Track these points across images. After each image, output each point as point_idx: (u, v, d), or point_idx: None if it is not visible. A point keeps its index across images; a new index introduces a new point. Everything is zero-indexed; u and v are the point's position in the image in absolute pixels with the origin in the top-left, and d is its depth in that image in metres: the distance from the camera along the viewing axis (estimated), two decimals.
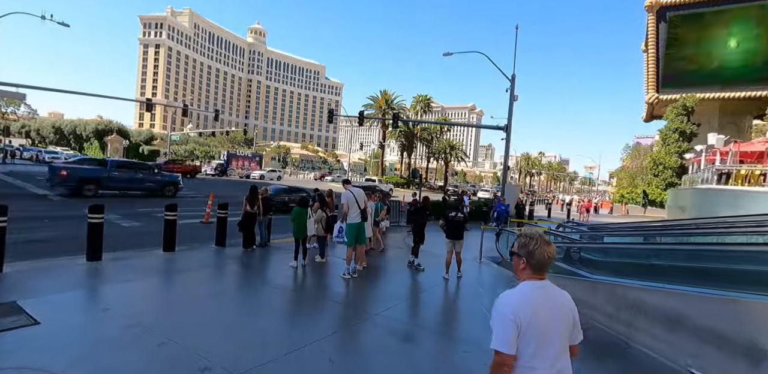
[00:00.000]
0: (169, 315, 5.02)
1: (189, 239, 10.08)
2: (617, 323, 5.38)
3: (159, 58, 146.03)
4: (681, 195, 21.05)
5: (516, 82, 23.81)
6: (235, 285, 6.70)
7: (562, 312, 1.98)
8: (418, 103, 58.50)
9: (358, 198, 7.37)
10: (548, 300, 1.96)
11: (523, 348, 1.86)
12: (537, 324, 1.86)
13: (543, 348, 1.87)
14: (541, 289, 1.97)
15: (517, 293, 1.95)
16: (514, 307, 1.87)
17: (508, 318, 1.85)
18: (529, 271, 1.99)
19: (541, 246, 1.96)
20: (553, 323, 1.91)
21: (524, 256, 1.99)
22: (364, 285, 7.19)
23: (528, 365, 1.86)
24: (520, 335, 1.84)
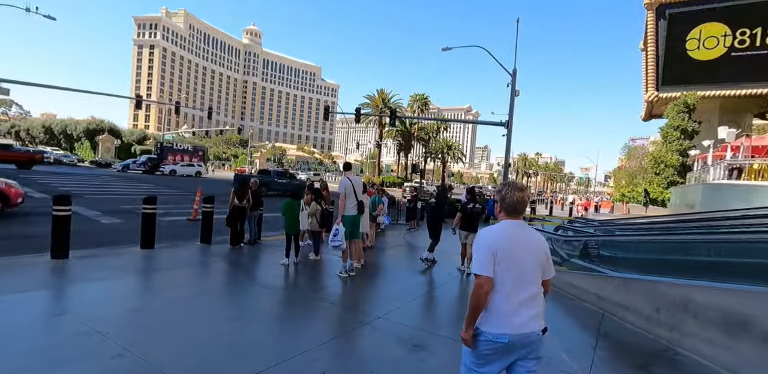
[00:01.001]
0: (134, 320, 4.24)
1: (172, 236, 9.32)
2: (657, 326, 4.64)
3: (153, 58, 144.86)
4: (688, 192, 20.43)
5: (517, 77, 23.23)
6: (218, 285, 5.91)
7: (534, 245, 2.17)
8: (415, 101, 57.77)
9: (356, 187, 6.61)
10: (521, 234, 2.16)
11: (500, 274, 2.04)
12: (511, 252, 2.07)
13: (517, 274, 2.07)
14: (516, 226, 2.17)
15: (495, 227, 2.18)
16: (491, 237, 2.11)
17: (485, 246, 2.07)
18: (503, 213, 2.22)
19: (512, 191, 2.18)
20: (525, 253, 2.11)
21: (499, 201, 2.22)
22: (363, 285, 6.43)
23: (504, 289, 2.06)
24: (497, 262, 2.04)
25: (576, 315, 5.50)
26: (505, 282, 2.05)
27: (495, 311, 2.08)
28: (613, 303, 5.36)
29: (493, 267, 2.04)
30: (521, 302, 2.07)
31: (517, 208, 2.19)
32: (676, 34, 44.98)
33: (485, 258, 2.05)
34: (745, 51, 42.00)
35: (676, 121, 39.40)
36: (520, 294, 2.07)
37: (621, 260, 7.43)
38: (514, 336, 2.04)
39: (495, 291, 2.06)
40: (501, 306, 2.06)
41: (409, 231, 13.39)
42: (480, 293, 2.04)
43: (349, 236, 6.62)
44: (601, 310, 5.49)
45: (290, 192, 7.95)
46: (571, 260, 8.32)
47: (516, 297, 2.06)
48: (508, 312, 2.06)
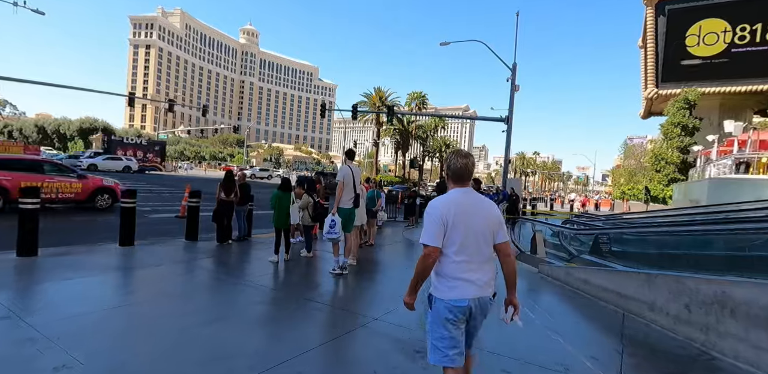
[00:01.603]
0: (94, 324, 3.69)
1: (158, 233, 8.81)
2: (687, 326, 4.12)
3: (150, 58, 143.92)
4: (693, 188, 19.92)
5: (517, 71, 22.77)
6: (197, 285, 5.36)
7: (484, 211, 2.19)
8: (413, 99, 57.17)
9: (356, 177, 6.08)
10: (471, 200, 2.18)
11: (453, 242, 2.09)
12: (462, 219, 2.09)
13: (469, 241, 2.11)
14: (465, 193, 2.20)
15: (446, 196, 2.21)
16: (441, 206, 2.12)
17: (435, 216, 2.10)
18: (452, 182, 2.25)
19: (456, 158, 2.23)
20: (476, 219, 2.14)
21: (446, 169, 2.28)
22: (358, 283, 5.89)
23: (456, 256, 2.10)
24: (448, 229, 2.08)
25: (594, 315, 4.97)
26: (458, 249, 2.09)
27: (451, 278, 2.11)
28: (635, 302, 4.83)
29: (444, 236, 2.07)
30: (475, 267, 2.13)
31: (462, 175, 2.21)
32: (675, 31, 44.67)
33: (436, 228, 2.07)
34: (745, 47, 41.67)
35: (677, 117, 38.96)
36: (474, 260, 2.12)
37: (636, 255, 6.92)
38: (472, 301, 2.11)
39: (448, 257, 2.10)
40: (456, 272, 2.10)
41: (407, 228, 12.87)
42: (427, 263, 2.09)
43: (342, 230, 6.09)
44: (621, 309, 4.97)
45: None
46: (581, 256, 7.80)
47: (469, 262, 2.11)
48: (464, 278, 2.10)
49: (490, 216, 2.20)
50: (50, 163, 11.56)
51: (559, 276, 6.26)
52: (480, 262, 2.15)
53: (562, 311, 5.17)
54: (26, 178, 10.07)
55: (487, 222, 2.17)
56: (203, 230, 8.54)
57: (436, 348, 2.16)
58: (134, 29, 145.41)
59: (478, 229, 2.14)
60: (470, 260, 2.12)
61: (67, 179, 11.02)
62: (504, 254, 2.26)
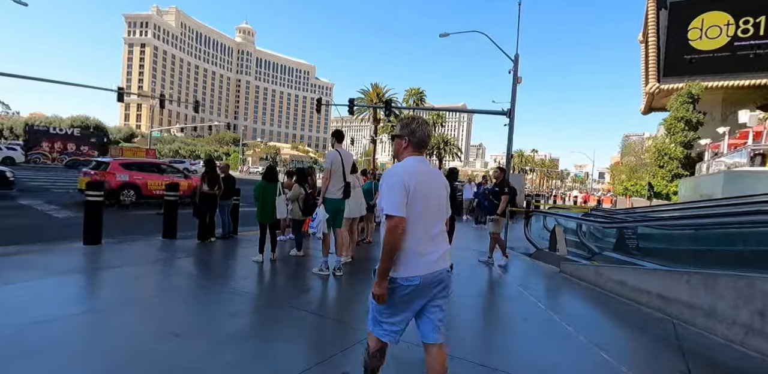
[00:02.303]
0: (31, 338, 2.85)
1: (133, 230, 7.98)
2: (763, 338, 3.31)
3: (145, 57, 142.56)
4: (704, 182, 19.16)
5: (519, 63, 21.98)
6: (164, 290, 4.52)
7: (439, 181, 2.09)
8: (411, 95, 56.27)
9: (345, 164, 5.22)
10: (428, 170, 2.06)
11: (410, 210, 1.90)
12: (422, 189, 1.94)
13: (426, 210, 1.96)
14: (422, 162, 2.06)
15: (404, 164, 2.03)
16: (402, 175, 1.93)
17: (398, 185, 1.90)
18: (410, 149, 2.09)
19: (421, 125, 2.08)
20: (433, 189, 2.02)
21: (407, 136, 2.07)
22: (353, 287, 5.05)
23: (413, 228, 1.91)
24: (410, 199, 1.90)
25: (639, 323, 4.15)
26: (417, 221, 1.94)
27: (406, 252, 1.93)
28: (686, 307, 4.02)
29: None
30: (431, 240, 2.00)
31: (425, 143, 2.11)
32: (677, 24, 43.99)
33: (400, 196, 1.89)
34: (748, 40, 40.99)
35: (680, 111, 38.20)
36: (431, 232, 2.00)
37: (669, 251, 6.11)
38: (425, 277, 1.94)
39: (406, 232, 1.90)
40: (413, 246, 1.93)
41: None
42: (396, 236, 1.87)
43: (330, 225, 5.25)
44: (668, 316, 4.15)
45: None
46: (604, 253, 6.99)
47: (426, 236, 1.97)
48: (420, 252, 1.95)
49: (444, 187, 2.12)
50: (166, 165, 14.06)
51: (587, 277, 5.44)
52: (437, 234, 2.03)
53: (598, 319, 4.36)
54: (151, 177, 12.38)
55: (443, 193, 2.10)
56: (185, 227, 7.72)
57: (376, 321, 2.03)
58: (129, 28, 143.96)
59: (435, 200, 2.03)
60: (427, 232, 1.98)
61: (178, 178, 12.78)
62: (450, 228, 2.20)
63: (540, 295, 4.99)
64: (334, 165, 5.11)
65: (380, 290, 1.90)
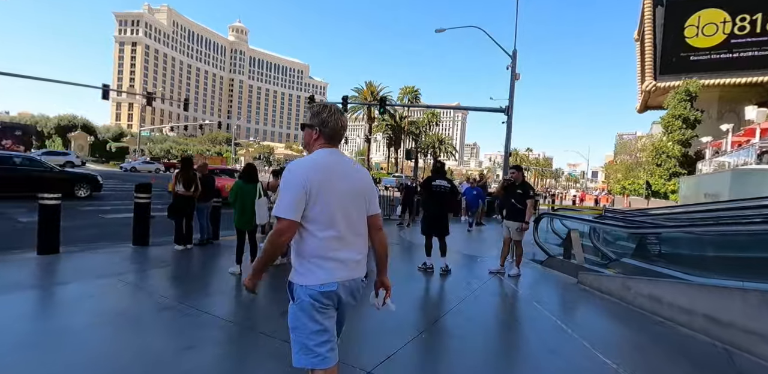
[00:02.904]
0: None
1: (106, 236, 7.24)
2: None
3: (136, 56, 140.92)
4: (708, 180, 18.65)
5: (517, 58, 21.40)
6: (115, 315, 3.75)
7: (355, 175, 1.85)
8: (406, 94, 55.54)
9: None
10: (341, 164, 1.82)
11: (314, 213, 1.69)
12: (330, 186, 1.72)
13: (337, 211, 1.73)
14: (334, 155, 1.83)
15: (309, 158, 1.81)
16: (304, 171, 1.70)
17: (295, 181, 1.67)
18: (322, 140, 1.85)
19: (334, 113, 1.85)
20: (346, 185, 1.78)
21: (317, 125, 1.84)
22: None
23: (321, 231, 1.71)
24: (311, 198, 1.68)
25: (684, 351, 3.47)
26: (324, 223, 1.71)
27: (315, 258, 1.72)
28: (740, 331, 3.34)
29: (306, 207, 1.68)
30: (345, 245, 1.78)
31: (339, 134, 1.87)
32: (674, 22, 43.69)
33: (295, 196, 1.65)
34: (745, 37, 40.72)
35: (678, 109, 37.82)
36: (344, 236, 1.76)
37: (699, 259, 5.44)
38: (341, 284, 1.76)
39: (311, 234, 1.71)
40: (322, 251, 1.72)
41: (401, 228, 11.30)
42: (280, 241, 1.66)
43: None
44: (718, 341, 3.47)
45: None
46: (622, 260, 6.32)
47: (339, 239, 1.75)
48: (331, 258, 1.73)
49: (363, 182, 1.87)
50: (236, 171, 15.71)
51: (611, 290, 4.76)
52: (351, 238, 1.79)
53: (635, 344, 3.67)
54: (228, 181, 13.19)
55: (360, 189, 1.84)
56: (161, 233, 6.98)
57: (307, 348, 1.73)
58: (120, 26, 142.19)
59: (349, 198, 1.78)
60: (339, 236, 1.74)
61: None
62: (375, 228, 1.93)
63: (561, 314, 4.30)
64: None
65: (252, 282, 1.87)
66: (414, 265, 6.14)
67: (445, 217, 5.99)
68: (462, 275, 6.01)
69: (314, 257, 1.72)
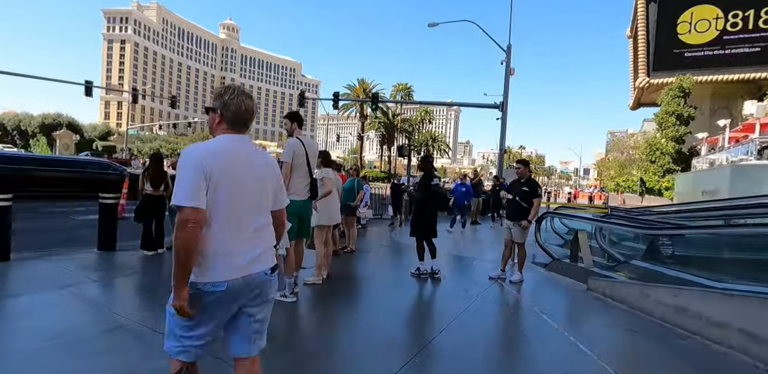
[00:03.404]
0: None
1: (70, 240, 6.64)
2: None
3: (125, 54, 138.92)
4: (706, 177, 18.34)
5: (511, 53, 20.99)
6: (56, 337, 3.17)
7: (261, 165, 1.73)
8: (398, 91, 54.92)
9: (310, 156, 3.96)
10: (245, 152, 1.69)
11: (214, 200, 1.54)
12: (231, 174, 1.59)
13: (238, 200, 1.61)
14: (238, 141, 1.69)
15: (209, 143, 1.65)
16: (204, 155, 1.55)
17: (194, 166, 1.52)
18: (224, 126, 1.70)
19: (238, 96, 1.70)
20: (251, 175, 1.66)
21: (219, 109, 1.69)
22: (329, 319, 3.79)
23: (218, 223, 1.56)
24: (212, 188, 1.53)
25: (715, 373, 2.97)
26: (223, 215, 1.57)
27: (208, 253, 1.54)
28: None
29: (206, 195, 1.52)
30: (245, 238, 1.64)
31: (242, 119, 1.72)
32: (666, 18, 43.60)
33: (193, 182, 1.50)
34: (737, 34, 40.66)
35: (672, 106, 37.63)
36: (244, 229, 1.63)
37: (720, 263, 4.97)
38: (235, 281, 1.58)
39: (208, 227, 1.53)
40: (217, 245, 1.56)
41: (391, 228, 10.76)
42: (189, 234, 1.46)
43: (294, 234, 3.98)
44: (761, 363, 2.98)
45: None
46: (631, 262, 5.83)
47: (239, 232, 1.61)
48: (227, 253, 1.58)
49: (268, 173, 1.75)
50: None
51: (626, 298, 4.26)
52: (253, 231, 1.66)
53: (659, 362, 3.16)
54: None
55: (264, 179, 1.73)
56: (134, 236, 6.40)
57: (174, 335, 1.61)
58: (108, 23, 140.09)
59: (251, 188, 1.66)
60: (239, 228, 1.61)
61: None
62: (279, 223, 1.85)
63: (573, 328, 3.78)
64: (296, 157, 3.83)
65: (179, 301, 1.52)
66: (406, 270, 5.61)
67: (436, 217, 5.49)
68: (460, 281, 5.50)
69: (208, 251, 1.54)
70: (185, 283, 1.52)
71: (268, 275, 1.71)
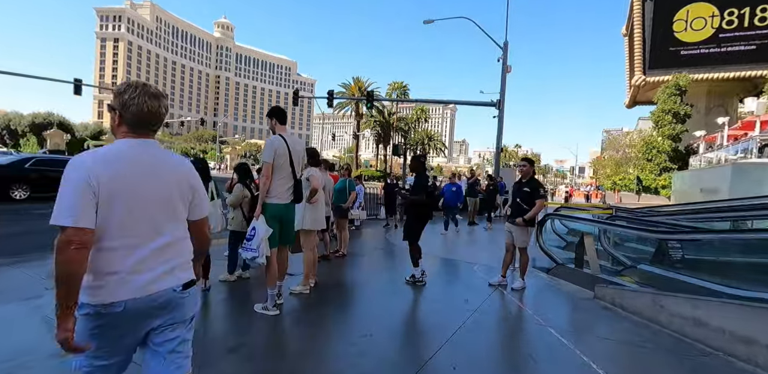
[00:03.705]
0: None
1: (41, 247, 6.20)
2: None
3: (118, 52, 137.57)
4: (705, 175, 18.14)
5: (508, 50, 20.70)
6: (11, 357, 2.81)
7: (168, 174, 1.53)
8: (394, 90, 54.51)
9: (294, 154, 3.59)
10: (148, 158, 1.49)
11: (108, 216, 1.36)
12: (129, 186, 1.40)
13: (140, 218, 1.43)
14: (140, 146, 1.49)
15: (105, 148, 1.46)
16: (93, 165, 1.36)
17: (79, 179, 1.32)
18: (124, 128, 1.50)
19: (140, 95, 1.48)
20: (154, 186, 1.47)
21: (118, 108, 1.50)
22: (314, 336, 3.43)
23: (111, 240, 1.38)
24: (103, 202, 1.35)
25: None
26: (119, 231, 1.39)
27: (101, 272, 1.38)
28: None
29: (96, 211, 1.34)
30: (148, 256, 1.45)
31: (145, 121, 1.50)
32: (662, 16, 43.49)
33: (78, 198, 1.30)
34: (733, 32, 40.60)
35: (668, 104, 37.52)
36: (146, 246, 1.44)
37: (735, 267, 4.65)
38: (136, 301, 1.41)
39: (99, 244, 1.37)
40: (111, 264, 1.39)
41: (386, 230, 10.40)
42: (70, 255, 1.26)
43: (276, 241, 3.61)
44: None
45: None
46: (639, 267, 5.51)
47: (138, 249, 1.43)
48: (123, 271, 1.40)
49: (179, 180, 1.54)
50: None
51: (637, 308, 3.93)
52: (156, 250, 1.46)
53: None
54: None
55: (173, 188, 1.52)
56: None
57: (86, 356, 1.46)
58: (101, 22, 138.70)
59: (155, 199, 1.47)
60: (139, 245, 1.43)
61: None
62: (198, 235, 1.65)
63: (583, 344, 3.43)
64: (278, 156, 3.46)
65: (63, 333, 1.28)
66: (401, 277, 5.27)
67: (425, 217, 5.19)
68: (458, 289, 5.16)
69: (101, 272, 1.38)
70: (71, 312, 1.31)
71: (178, 292, 1.52)
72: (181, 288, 1.53)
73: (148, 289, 1.44)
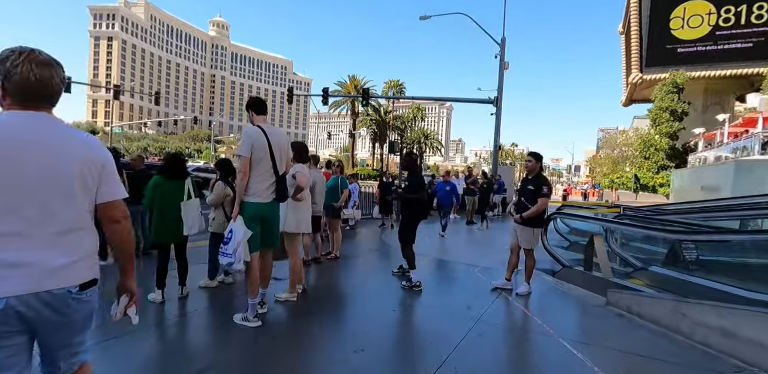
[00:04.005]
0: None
1: None
2: None
3: (112, 51, 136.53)
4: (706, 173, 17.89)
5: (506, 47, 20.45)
6: None
7: (63, 150, 1.34)
8: (390, 88, 54.11)
9: (274, 148, 3.23)
10: (35, 133, 1.31)
11: None
12: (7, 163, 1.25)
13: (21, 200, 1.27)
14: (26, 118, 1.32)
15: None
16: None
17: None
18: (9, 101, 1.34)
19: (24, 63, 1.30)
20: (41, 164, 1.29)
21: (0, 78, 1.33)
22: (297, 353, 3.07)
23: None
24: None
25: None
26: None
27: None
28: None
29: None
30: (33, 246, 1.29)
31: (32, 91, 1.32)
32: (659, 14, 43.44)
33: None
34: (730, 29, 40.53)
35: (665, 101, 37.40)
36: (30, 232, 1.28)
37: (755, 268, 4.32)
38: (20, 298, 1.26)
39: None
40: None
41: (382, 230, 10.03)
42: None
43: (258, 244, 3.26)
44: None
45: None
46: (651, 269, 5.18)
47: (19, 236, 1.27)
48: (3, 264, 1.26)
49: (77, 158, 1.35)
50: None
51: (656, 316, 3.59)
52: (45, 236, 1.30)
53: None
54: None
55: (66, 167, 1.33)
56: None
57: None
58: (94, 20, 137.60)
59: (44, 179, 1.30)
60: (21, 232, 1.27)
61: None
62: (110, 219, 1.46)
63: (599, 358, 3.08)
64: (255, 150, 3.10)
65: None
66: (397, 281, 4.92)
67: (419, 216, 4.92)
68: (459, 295, 4.80)
69: None
70: None
71: (74, 293, 1.36)
72: (77, 288, 1.38)
73: (36, 285, 1.30)
